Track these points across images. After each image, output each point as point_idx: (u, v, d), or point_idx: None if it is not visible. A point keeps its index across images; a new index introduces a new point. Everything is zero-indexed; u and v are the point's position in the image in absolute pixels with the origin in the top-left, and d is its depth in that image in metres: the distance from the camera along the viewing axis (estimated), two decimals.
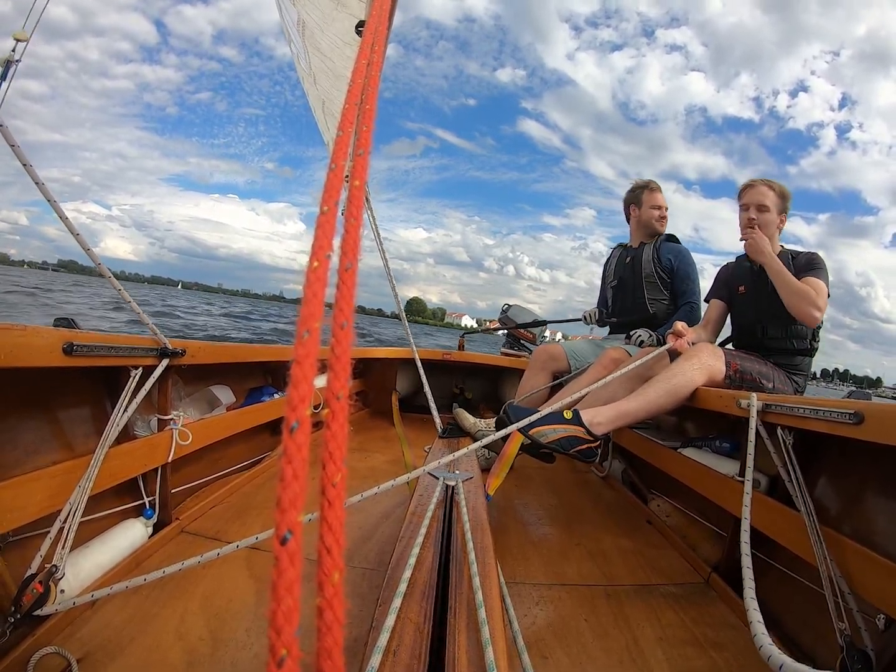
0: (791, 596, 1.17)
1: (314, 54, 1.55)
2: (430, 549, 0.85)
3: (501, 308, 3.83)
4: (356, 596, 1.10)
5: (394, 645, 0.59)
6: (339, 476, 0.21)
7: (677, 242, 2.44)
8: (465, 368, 3.54)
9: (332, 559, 0.21)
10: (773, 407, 1.22)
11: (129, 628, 0.95)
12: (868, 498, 1.10)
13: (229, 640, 0.95)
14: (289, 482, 0.19)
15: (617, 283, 2.56)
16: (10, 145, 0.88)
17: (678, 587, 1.31)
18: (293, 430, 0.20)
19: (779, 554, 1.23)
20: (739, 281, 1.97)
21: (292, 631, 0.19)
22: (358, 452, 2.31)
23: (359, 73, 0.31)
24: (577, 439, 1.45)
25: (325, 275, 0.22)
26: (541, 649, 1.00)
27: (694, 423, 1.97)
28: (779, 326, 1.82)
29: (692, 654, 1.04)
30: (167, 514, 1.35)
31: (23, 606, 0.87)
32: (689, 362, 1.61)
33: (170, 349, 1.25)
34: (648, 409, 1.55)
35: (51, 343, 0.93)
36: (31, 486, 0.94)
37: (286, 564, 0.19)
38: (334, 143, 0.26)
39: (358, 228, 0.25)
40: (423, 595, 0.71)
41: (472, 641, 0.61)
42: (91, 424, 1.19)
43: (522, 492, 1.97)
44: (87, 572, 1.05)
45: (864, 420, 0.95)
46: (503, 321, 3.76)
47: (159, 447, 1.30)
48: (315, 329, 0.21)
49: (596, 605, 1.19)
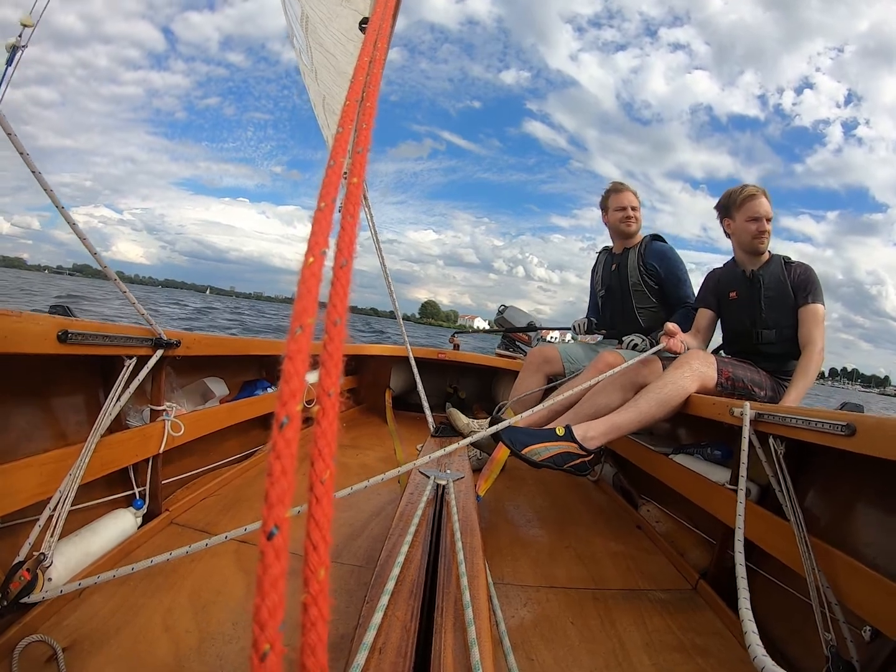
0: (778, 605, 1.17)
1: (317, 50, 1.54)
2: (418, 548, 0.85)
3: (497, 309, 3.84)
4: (344, 592, 1.10)
5: (380, 643, 0.59)
6: (328, 473, 0.21)
7: (663, 241, 2.35)
8: (460, 368, 3.54)
9: (318, 556, 0.21)
10: (765, 416, 1.23)
11: (115, 618, 0.95)
12: (858, 509, 1.11)
13: (216, 634, 0.95)
14: (277, 478, 0.19)
15: (605, 293, 2.49)
16: (19, 153, 0.88)
17: (666, 593, 1.32)
18: (283, 426, 0.20)
19: (767, 563, 1.23)
20: (730, 287, 1.96)
21: (276, 626, 0.19)
22: (350, 449, 2.31)
23: (361, 70, 0.31)
24: (571, 455, 1.45)
25: (320, 271, 0.22)
26: (527, 650, 1.00)
27: (686, 430, 1.98)
28: (774, 332, 1.82)
29: (678, 659, 1.04)
30: (157, 505, 1.34)
31: (10, 593, 0.87)
32: (680, 370, 1.61)
33: (164, 340, 1.24)
34: (641, 420, 1.55)
35: (45, 330, 0.92)
36: (21, 473, 0.93)
37: (272, 559, 0.19)
38: (334, 140, 0.26)
39: (355, 226, 0.25)
40: (410, 593, 0.71)
41: (458, 641, 0.61)
42: (84, 413, 1.18)
43: (514, 493, 1.97)
44: (75, 561, 1.04)
45: (856, 432, 0.95)
46: (499, 322, 3.77)
47: (151, 438, 1.29)
48: (308, 325, 0.21)
49: (583, 607, 1.19)
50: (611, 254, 2.50)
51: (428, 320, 32.45)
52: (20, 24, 1.19)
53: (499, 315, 3.80)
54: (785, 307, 1.80)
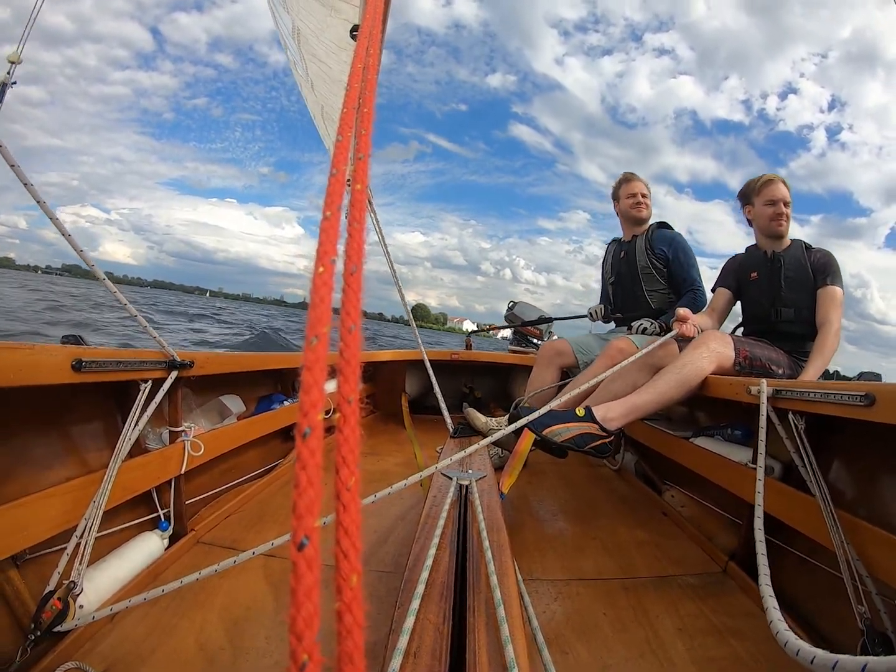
0: (809, 581, 1.16)
1: (311, 61, 1.55)
2: (446, 550, 0.85)
3: (507, 305, 3.82)
4: (374, 599, 1.10)
5: (414, 647, 0.59)
6: (353, 480, 0.21)
7: (670, 229, 2.41)
8: (474, 368, 3.54)
9: (349, 563, 0.21)
10: (783, 392, 1.21)
11: (149, 640, 0.96)
12: (883, 480, 1.09)
13: (250, 648, 0.95)
14: (304, 488, 0.19)
15: (615, 279, 2.54)
16: None
17: (696, 577, 1.31)
18: (306, 436, 0.20)
19: (795, 540, 1.22)
20: (751, 268, 2.00)
21: (313, 636, 0.19)
22: (370, 456, 2.32)
23: (355, 77, 0.31)
24: (591, 436, 1.45)
25: (331, 280, 0.22)
26: (560, 645, 1.00)
27: (705, 412, 1.96)
28: (793, 311, 1.85)
29: (712, 643, 1.03)
30: (182, 526, 1.35)
31: (42, 623, 0.88)
32: (697, 351, 1.61)
33: (178, 361, 1.25)
34: (660, 400, 1.55)
35: (59, 360, 0.94)
36: (45, 502, 0.94)
37: (304, 570, 0.19)
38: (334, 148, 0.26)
39: (361, 232, 0.25)
40: (441, 596, 0.71)
41: (492, 640, 0.61)
42: (103, 439, 1.19)
43: (536, 488, 1.96)
44: (105, 587, 1.05)
45: (875, 402, 0.93)
46: (509, 318, 3.75)
47: (172, 459, 1.30)
48: (324, 334, 0.21)
49: (614, 598, 1.18)
50: (619, 243, 2.56)
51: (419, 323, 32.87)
52: (7, 62, 1.19)
53: (508, 311, 3.79)
54: (805, 289, 1.84)
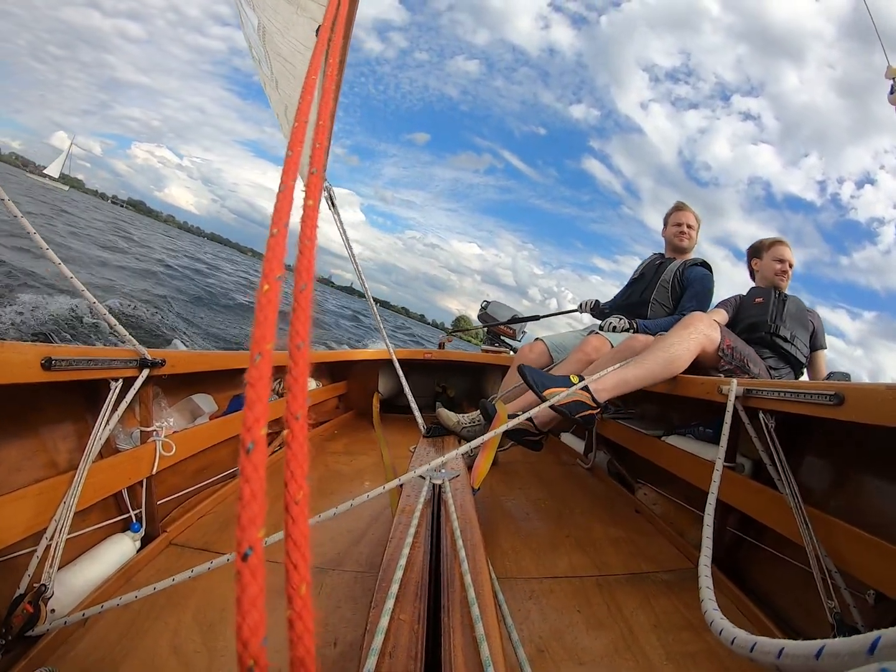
0: (781, 576, 1.19)
1: (275, 59, 1.53)
2: (420, 549, 0.85)
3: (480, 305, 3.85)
4: (349, 599, 1.10)
5: (389, 647, 0.59)
6: (302, 494, 0.22)
7: (707, 268, 2.50)
8: (447, 367, 3.56)
9: (298, 573, 0.21)
10: (754, 392, 1.24)
11: (122, 644, 0.94)
12: (852, 477, 1.13)
13: (224, 651, 0.94)
14: (247, 501, 0.20)
15: (637, 277, 2.66)
16: None
17: (669, 573, 1.33)
18: (249, 451, 0.20)
19: (767, 536, 1.26)
20: (757, 296, 2.16)
21: (258, 642, 0.20)
22: (344, 455, 2.31)
23: (309, 87, 0.30)
24: (583, 405, 1.48)
25: (277, 297, 0.23)
26: (536, 643, 1.01)
27: (677, 412, 2.00)
28: (789, 333, 1.99)
29: (687, 638, 1.05)
30: (155, 527, 1.33)
31: (13, 628, 0.86)
32: (686, 330, 1.65)
33: (149, 360, 1.24)
34: (647, 377, 1.58)
35: (28, 359, 0.92)
36: (14, 504, 0.92)
37: (249, 579, 0.20)
38: (283, 164, 0.26)
39: (312, 249, 0.25)
40: (415, 595, 0.71)
41: (467, 639, 0.62)
42: (73, 439, 1.17)
43: (509, 487, 1.98)
44: (77, 590, 1.04)
45: (844, 401, 0.96)
46: (482, 318, 3.79)
47: (143, 460, 1.28)
48: (267, 351, 0.22)
49: (589, 595, 1.20)
50: (662, 256, 2.69)
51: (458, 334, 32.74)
52: None
53: (482, 311, 3.82)
54: (802, 326, 2.03)
